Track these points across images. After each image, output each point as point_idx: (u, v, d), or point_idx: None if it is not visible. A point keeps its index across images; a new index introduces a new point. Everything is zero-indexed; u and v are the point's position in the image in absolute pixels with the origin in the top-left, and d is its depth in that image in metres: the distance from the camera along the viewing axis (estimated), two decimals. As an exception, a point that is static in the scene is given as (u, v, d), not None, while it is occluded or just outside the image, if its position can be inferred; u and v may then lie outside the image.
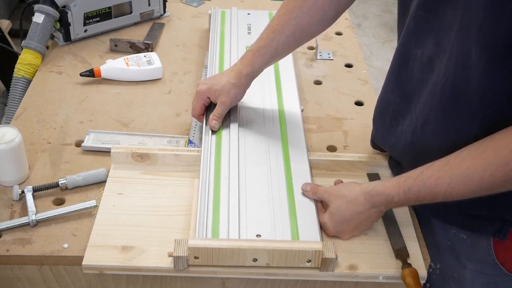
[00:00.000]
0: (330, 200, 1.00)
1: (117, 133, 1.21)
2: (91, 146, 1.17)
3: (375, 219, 0.99)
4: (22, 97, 1.36)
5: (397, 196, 0.92)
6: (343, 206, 0.98)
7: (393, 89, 1.05)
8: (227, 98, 1.16)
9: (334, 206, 0.99)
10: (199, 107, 1.18)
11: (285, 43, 1.15)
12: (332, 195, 1.00)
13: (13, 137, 1.06)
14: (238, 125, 1.19)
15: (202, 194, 1.02)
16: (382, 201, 0.95)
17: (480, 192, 0.85)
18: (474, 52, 0.83)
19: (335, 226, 0.99)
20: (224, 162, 1.09)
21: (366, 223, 0.99)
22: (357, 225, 0.99)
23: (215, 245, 0.91)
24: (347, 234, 1.00)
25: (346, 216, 0.98)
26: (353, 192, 0.98)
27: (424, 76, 0.96)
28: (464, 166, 0.84)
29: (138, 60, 1.42)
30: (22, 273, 0.98)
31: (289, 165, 1.10)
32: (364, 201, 0.96)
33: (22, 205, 1.04)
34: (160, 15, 1.68)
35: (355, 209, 0.97)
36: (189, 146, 1.19)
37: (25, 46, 1.45)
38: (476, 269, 1.02)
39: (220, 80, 1.17)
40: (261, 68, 1.18)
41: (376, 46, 3.53)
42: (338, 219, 0.99)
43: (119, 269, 0.94)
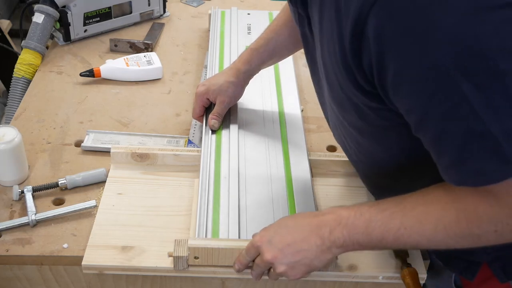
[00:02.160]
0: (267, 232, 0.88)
1: (117, 133, 1.21)
2: (91, 146, 1.17)
3: (321, 251, 0.83)
4: (22, 97, 1.36)
5: (347, 218, 0.81)
6: (284, 220, 0.89)
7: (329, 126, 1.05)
8: (225, 97, 1.17)
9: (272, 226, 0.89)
10: (198, 109, 1.20)
11: (283, 45, 1.17)
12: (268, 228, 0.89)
13: (13, 137, 1.06)
14: (238, 125, 1.19)
15: (202, 194, 1.02)
16: (330, 220, 0.83)
17: (436, 243, 0.78)
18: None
19: (266, 234, 0.87)
20: (224, 162, 1.09)
21: (307, 245, 0.84)
22: (291, 243, 0.84)
23: (215, 245, 0.91)
24: (277, 252, 0.85)
25: (283, 224, 0.88)
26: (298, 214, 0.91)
27: (321, 101, 0.98)
28: (417, 209, 0.77)
29: (138, 60, 1.42)
30: (22, 273, 0.98)
31: (289, 165, 1.10)
32: (309, 216, 0.87)
33: (22, 205, 1.04)
34: (160, 15, 1.68)
35: (297, 221, 0.87)
36: (189, 146, 1.19)
37: (25, 46, 1.45)
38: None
39: (218, 79, 1.18)
40: (259, 66, 1.19)
41: (376, 46, 3.52)
42: (272, 228, 0.88)
43: (119, 269, 0.94)
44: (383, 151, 0.86)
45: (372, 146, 0.87)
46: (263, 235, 0.87)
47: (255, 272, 0.90)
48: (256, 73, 1.21)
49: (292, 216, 0.91)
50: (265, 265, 0.87)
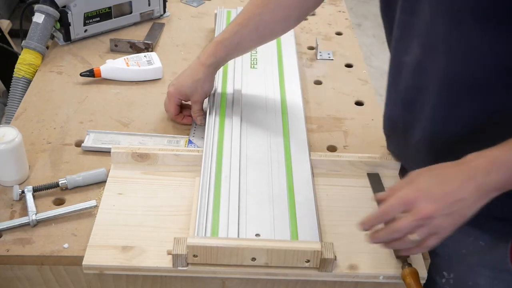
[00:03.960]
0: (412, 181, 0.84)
1: (117, 133, 1.21)
2: (91, 146, 1.17)
3: (477, 198, 0.80)
4: (22, 97, 1.36)
5: (502, 155, 0.79)
6: (428, 171, 0.84)
7: (394, 102, 1.04)
8: (198, 97, 1.21)
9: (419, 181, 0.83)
10: (173, 108, 1.23)
11: (248, 37, 1.18)
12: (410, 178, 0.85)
13: (13, 137, 1.06)
14: (240, 124, 1.19)
15: (203, 193, 1.02)
16: (483, 164, 0.80)
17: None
18: (474, 30, 0.81)
19: (420, 187, 0.82)
20: (226, 161, 1.09)
21: (464, 193, 0.80)
22: (449, 192, 0.80)
23: (214, 244, 0.91)
24: (436, 204, 0.80)
25: (432, 174, 0.83)
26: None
27: (419, 81, 0.95)
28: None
29: (138, 60, 1.42)
30: (22, 273, 0.98)
31: (290, 165, 1.10)
32: (455, 165, 0.82)
33: (22, 205, 1.04)
34: (160, 15, 1.68)
35: (445, 171, 0.83)
36: (189, 146, 1.19)
37: (25, 46, 1.45)
38: (492, 276, 1.00)
39: (186, 81, 1.21)
40: (224, 59, 1.21)
41: (376, 46, 3.53)
42: (422, 181, 0.83)
43: (119, 269, 0.94)
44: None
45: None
46: (417, 188, 0.81)
47: (400, 233, 0.82)
48: (223, 65, 1.23)
49: (431, 168, 0.84)
50: (418, 222, 0.80)
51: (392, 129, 1.10)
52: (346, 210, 1.06)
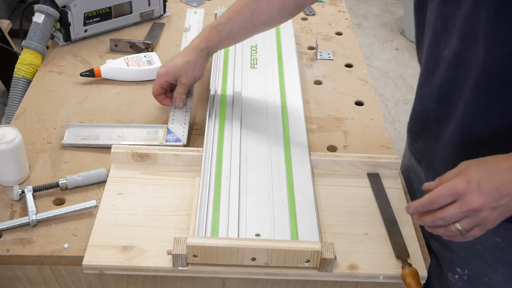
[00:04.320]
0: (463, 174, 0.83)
1: (96, 125, 1.22)
2: (71, 143, 1.18)
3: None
4: (22, 97, 1.36)
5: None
6: (479, 163, 0.84)
7: (428, 97, 1.04)
8: (186, 79, 1.21)
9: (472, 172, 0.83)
10: (155, 88, 1.23)
11: (242, 25, 1.19)
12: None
13: (13, 137, 1.06)
14: (240, 124, 1.19)
15: (203, 193, 1.02)
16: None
17: None
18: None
19: (472, 179, 0.82)
20: (226, 161, 1.09)
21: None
22: (500, 185, 0.81)
23: (214, 244, 0.91)
24: (486, 197, 0.81)
25: (483, 167, 0.83)
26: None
27: (457, 74, 0.94)
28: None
29: (138, 60, 1.42)
30: (23, 273, 0.98)
31: (290, 165, 1.10)
32: (507, 158, 0.83)
33: (22, 205, 1.04)
34: (160, 15, 1.68)
35: (499, 164, 0.83)
36: (168, 135, 1.20)
37: (25, 46, 1.45)
38: (509, 273, 1.01)
39: (177, 61, 1.20)
40: (217, 45, 1.21)
41: (376, 46, 3.53)
42: (473, 173, 0.82)
43: (119, 269, 0.94)
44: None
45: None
46: (469, 180, 0.81)
47: (445, 221, 0.83)
48: (215, 51, 1.24)
49: (483, 160, 0.84)
50: (465, 213, 0.81)
51: (423, 125, 1.10)
52: (346, 210, 1.06)
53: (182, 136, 1.20)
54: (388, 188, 1.10)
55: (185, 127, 1.22)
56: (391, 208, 1.06)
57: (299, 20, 1.71)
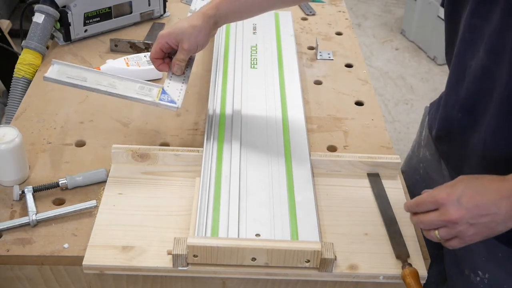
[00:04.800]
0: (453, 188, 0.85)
1: (85, 69, 1.13)
2: (55, 79, 1.09)
3: (510, 217, 0.82)
4: (22, 97, 1.36)
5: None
6: (468, 180, 0.85)
7: (453, 105, 1.04)
8: (188, 44, 1.11)
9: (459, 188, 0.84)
10: (154, 50, 1.14)
11: (257, 0, 1.14)
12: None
13: (13, 137, 1.06)
14: (241, 124, 1.19)
15: (203, 193, 1.02)
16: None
17: None
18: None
19: (454, 192, 0.84)
20: (226, 161, 1.09)
21: (497, 209, 0.82)
22: (480, 204, 0.82)
23: (214, 244, 0.91)
24: (464, 211, 0.82)
25: (469, 184, 0.84)
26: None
27: (482, 87, 0.94)
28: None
29: (138, 60, 1.42)
30: (23, 273, 0.98)
31: (291, 165, 1.10)
32: (496, 180, 0.84)
33: (22, 205, 1.04)
34: (160, 15, 1.68)
35: (486, 184, 0.84)
36: (162, 95, 1.13)
37: (25, 46, 1.45)
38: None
39: (183, 24, 1.12)
40: (226, 15, 1.14)
41: (376, 46, 3.53)
42: (458, 187, 0.84)
43: (119, 269, 0.94)
44: None
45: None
46: (450, 192, 0.84)
47: (424, 225, 0.87)
48: (225, 23, 1.17)
49: (475, 177, 0.86)
50: (442, 223, 0.84)
51: (447, 132, 1.10)
52: (346, 210, 1.06)
53: (177, 99, 1.13)
54: (388, 188, 1.10)
55: (181, 92, 1.14)
56: (391, 208, 1.06)
57: (299, 20, 1.72)
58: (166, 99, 1.11)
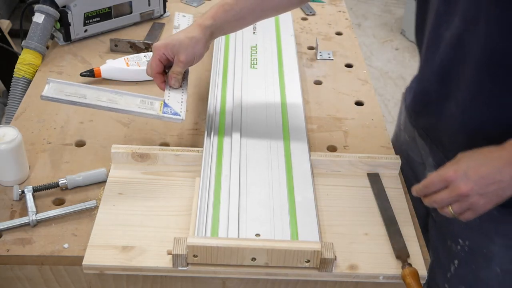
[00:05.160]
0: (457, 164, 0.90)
1: (83, 85, 1.11)
2: (52, 97, 1.07)
3: (508, 182, 0.88)
4: (22, 97, 1.36)
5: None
6: (470, 155, 0.90)
7: (429, 77, 1.07)
8: (185, 56, 1.10)
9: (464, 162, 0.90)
10: (154, 63, 1.12)
11: (251, 7, 1.14)
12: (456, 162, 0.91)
13: (13, 137, 1.06)
14: (240, 124, 1.19)
15: (203, 193, 1.02)
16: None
17: None
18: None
19: (460, 168, 0.89)
20: (226, 160, 1.09)
21: (501, 176, 0.87)
22: (486, 174, 0.87)
23: (214, 244, 0.91)
24: (472, 184, 0.87)
25: (472, 158, 0.90)
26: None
27: (456, 55, 0.98)
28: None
29: (138, 60, 1.42)
30: (23, 273, 0.98)
31: (290, 165, 1.10)
32: (496, 150, 0.89)
33: (22, 205, 1.04)
34: (160, 15, 1.68)
35: (487, 155, 0.89)
36: (165, 108, 1.12)
37: (25, 46, 1.45)
38: (506, 244, 1.06)
39: (179, 35, 1.11)
40: (222, 25, 1.14)
41: (376, 46, 3.53)
42: (463, 162, 0.90)
43: (119, 269, 0.94)
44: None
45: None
46: (457, 169, 0.89)
47: (438, 204, 0.92)
48: (220, 34, 1.17)
49: (475, 151, 0.91)
50: (455, 198, 0.89)
51: (424, 104, 1.13)
52: (346, 210, 1.06)
53: (180, 111, 1.12)
54: (388, 188, 1.10)
55: (182, 104, 1.13)
56: (391, 208, 1.06)
57: (299, 20, 1.72)
58: (170, 112, 1.10)
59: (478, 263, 1.10)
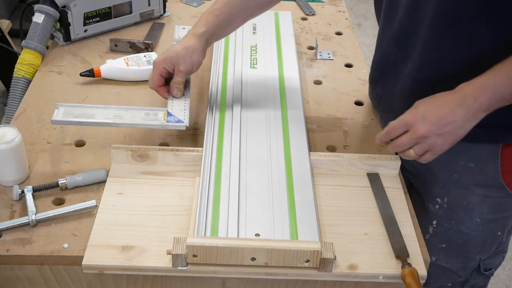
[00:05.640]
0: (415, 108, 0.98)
1: (89, 106, 1.16)
2: (62, 120, 1.11)
3: (467, 120, 0.95)
4: (22, 97, 1.36)
5: (487, 79, 0.93)
6: (426, 100, 0.98)
7: (388, 41, 1.13)
8: (184, 66, 1.16)
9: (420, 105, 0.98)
10: (155, 78, 1.18)
11: (239, 8, 1.19)
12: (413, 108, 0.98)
13: (13, 137, 1.06)
14: (240, 124, 1.19)
15: (203, 193, 1.02)
16: (471, 90, 0.94)
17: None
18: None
19: (418, 112, 0.96)
20: (226, 161, 1.09)
21: (454, 117, 0.95)
22: (441, 116, 0.94)
23: (214, 244, 0.91)
24: (430, 125, 0.95)
25: (428, 102, 0.97)
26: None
27: (413, 17, 1.04)
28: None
29: (138, 60, 1.42)
30: (22, 273, 0.98)
31: (290, 165, 1.10)
32: (448, 94, 0.96)
33: (22, 205, 1.04)
34: (160, 15, 1.68)
35: (441, 99, 0.96)
36: (169, 117, 1.15)
37: (25, 46, 1.45)
38: (484, 194, 1.12)
39: (176, 47, 1.17)
40: (215, 30, 1.19)
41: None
42: (420, 107, 0.97)
43: (119, 269, 0.94)
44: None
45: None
46: (415, 113, 0.96)
47: (400, 148, 0.99)
48: (214, 40, 1.22)
49: (432, 97, 0.98)
50: (416, 140, 0.96)
51: (382, 71, 1.19)
52: (346, 210, 1.06)
53: (183, 118, 1.15)
54: (388, 188, 1.10)
55: (185, 111, 1.17)
56: (391, 208, 1.06)
57: (299, 20, 1.72)
58: (173, 120, 1.14)
59: (458, 217, 1.17)
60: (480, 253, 1.22)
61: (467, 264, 1.23)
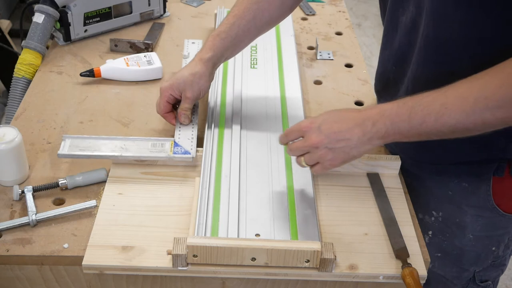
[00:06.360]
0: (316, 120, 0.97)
1: (95, 137, 1.14)
2: (68, 154, 1.10)
3: (361, 142, 0.93)
4: (22, 97, 1.36)
5: (390, 109, 0.91)
6: (330, 113, 0.98)
7: (388, 58, 1.13)
8: (191, 93, 1.14)
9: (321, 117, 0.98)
10: (162, 105, 1.16)
11: (246, 28, 1.17)
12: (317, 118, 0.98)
13: (13, 137, 1.06)
14: (240, 124, 1.19)
15: (203, 193, 1.02)
16: (374, 114, 0.92)
17: (474, 118, 0.85)
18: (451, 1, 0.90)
19: (315, 121, 0.96)
20: (226, 161, 1.09)
21: (350, 135, 0.93)
22: (337, 131, 0.94)
23: (214, 244, 0.91)
24: (323, 137, 0.94)
25: (330, 115, 0.97)
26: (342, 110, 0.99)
27: (410, 38, 1.03)
28: (461, 88, 0.86)
29: (138, 60, 1.42)
30: (22, 273, 0.98)
31: (290, 165, 1.10)
32: (354, 111, 0.96)
33: (22, 205, 1.04)
34: (160, 15, 1.68)
35: (343, 114, 0.96)
36: (175, 148, 1.13)
37: (25, 46, 1.45)
38: (476, 214, 1.11)
39: (183, 73, 1.14)
40: (222, 53, 1.16)
41: (376, 46, 3.53)
42: (320, 118, 0.97)
43: (119, 269, 0.94)
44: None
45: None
46: (312, 121, 0.96)
47: (293, 152, 1.00)
48: (222, 62, 1.19)
49: (338, 110, 0.98)
50: (307, 148, 0.96)
51: (384, 85, 1.18)
52: (346, 210, 1.06)
53: (190, 149, 1.12)
54: (388, 188, 1.10)
55: (193, 141, 1.14)
56: (391, 208, 1.06)
57: (299, 20, 1.72)
58: (180, 151, 1.12)
59: (452, 232, 1.16)
60: (474, 265, 1.20)
61: (461, 274, 1.21)
